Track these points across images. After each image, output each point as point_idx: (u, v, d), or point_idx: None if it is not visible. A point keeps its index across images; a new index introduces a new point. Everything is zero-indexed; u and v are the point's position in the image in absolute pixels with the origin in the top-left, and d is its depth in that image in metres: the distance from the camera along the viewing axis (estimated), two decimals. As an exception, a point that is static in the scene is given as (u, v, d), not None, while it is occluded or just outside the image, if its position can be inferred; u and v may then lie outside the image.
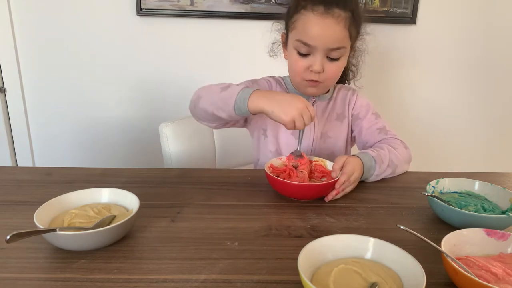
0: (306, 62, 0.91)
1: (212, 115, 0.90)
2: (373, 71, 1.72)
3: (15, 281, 0.52)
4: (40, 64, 1.70)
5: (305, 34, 0.89)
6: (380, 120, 1.07)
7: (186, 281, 0.53)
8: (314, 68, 0.90)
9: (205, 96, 0.91)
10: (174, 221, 0.70)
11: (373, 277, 0.49)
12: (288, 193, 0.80)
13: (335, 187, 0.79)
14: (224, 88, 0.88)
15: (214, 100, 0.88)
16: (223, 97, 0.87)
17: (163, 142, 1.17)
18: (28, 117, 1.78)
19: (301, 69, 0.92)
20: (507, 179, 0.96)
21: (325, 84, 0.97)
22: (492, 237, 0.58)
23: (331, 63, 0.91)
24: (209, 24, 1.67)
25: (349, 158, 0.84)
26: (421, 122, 1.86)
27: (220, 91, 0.88)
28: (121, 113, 1.78)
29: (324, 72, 0.91)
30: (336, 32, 0.87)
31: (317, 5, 0.87)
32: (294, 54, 0.93)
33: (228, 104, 0.85)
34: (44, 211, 0.62)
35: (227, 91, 0.87)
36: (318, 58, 0.90)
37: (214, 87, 0.91)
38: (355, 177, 0.83)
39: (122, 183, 0.86)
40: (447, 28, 1.73)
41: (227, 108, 0.86)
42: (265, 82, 1.07)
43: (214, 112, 0.88)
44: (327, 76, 0.93)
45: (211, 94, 0.90)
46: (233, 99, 0.84)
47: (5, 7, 1.61)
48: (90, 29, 1.66)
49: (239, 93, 0.84)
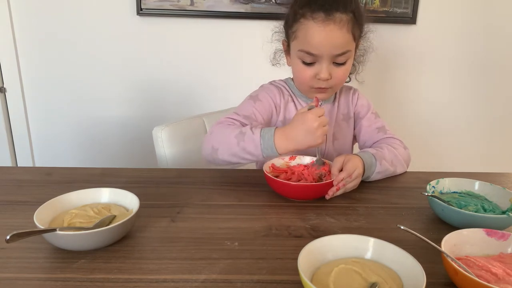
0: (312, 71, 0.90)
1: (238, 163, 0.88)
2: (373, 71, 1.72)
3: (15, 281, 0.52)
4: (40, 64, 1.70)
5: (308, 43, 0.86)
6: (379, 120, 1.07)
7: (186, 281, 0.53)
8: (322, 76, 0.89)
9: (222, 148, 0.87)
10: (174, 221, 0.70)
11: (373, 277, 0.49)
12: (286, 193, 0.80)
13: (334, 183, 0.79)
14: (239, 137, 0.84)
15: (235, 152, 0.85)
16: (245, 148, 0.84)
17: (157, 146, 1.14)
18: (28, 117, 1.78)
19: (308, 78, 0.91)
20: (507, 179, 0.96)
21: (334, 89, 0.96)
22: (492, 237, 0.58)
23: (338, 68, 0.90)
24: (209, 24, 1.67)
25: (348, 156, 0.84)
26: (421, 122, 1.86)
27: (237, 142, 0.84)
28: (121, 113, 1.78)
29: (332, 78, 0.90)
30: (340, 38, 0.85)
31: (317, 12, 0.84)
32: (299, 63, 0.91)
33: (256, 155, 0.83)
34: (44, 211, 0.62)
35: (245, 141, 0.83)
36: (324, 65, 0.88)
37: (227, 137, 0.86)
38: (357, 173, 0.82)
39: (122, 183, 0.86)
40: (447, 28, 1.73)
41: (256, 158, 0.84)
42: (266, 95, 1.01)
43: (240, 161, 0.87)
44: (335, 82, 0.92)
45: (228, 146, 0.86)
46: (258, 150, 0.82)
47: (5, 7, 1.61)
48: (90, 29, 1.66)
49: (261, 143, 0.82)
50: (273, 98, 1.02)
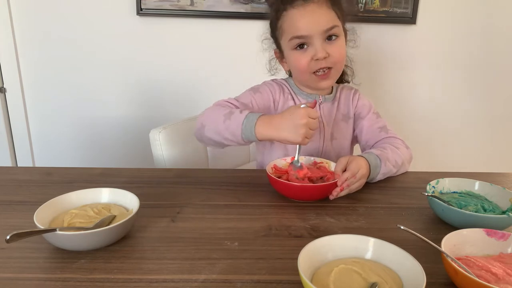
0: (308, 55, 0.91)
1: (220, 143, 0.89)
2: (373, 71, 1.72)
3: (15, 281, 0.52)
4: (40, 64, 1.70)
5: (295, 28, 0.90)
6: (381, 120, 1.07)
7: (186, 281, 0.53)
8: (319, 55, 0.90)
9: (209, 125, 0.89)
10: (174, 221, 0.70)
11: (373, 277, 0.49)
12: (289, 194, 0.80)
13: (337, 184, 0.78)
14: (227, 115, 0.86)
15: (219, 129, 0.86)
16: (228, 127, 0.85)
17: (154, 148, 1.13)
18: (28, 117, 1.78)
19: (306, 63, 0.92)
20: (507, 179, 0.96)
21: (336, 69, 0.96)
22: (492, 237, 0.58)
23: (332, 44, 0.92)
24: (209, 24, 1.66)
25: (352, 157, 0.83)
26: (421, 122, 1.86)
27: (223, 119, 0.86)
28: (121, 113, 1.78)
29: (329, 56, 0.91)
30: (322, 14, 0.90)
31: (295, 1, 0.90)
32: (294, 53, 0.92)
33: (236, 135, 0.84)
34: (44, 211, 0.62)
35: (231, 119, 0.85)
36: (317, 44, 0.90)
37: (216, 115, 0.88)
38: (361, 173, 0.81)
39: (122, 183, 0.86)
40: (447, 28, 1.73)
41: (236, 138, 0.85)
42: (267, 89, 1.03)
43: (222, 141, 0.88)
44: (334, 59, 0.92)
45: (215, 123, 0.88)
46: (239, 129, 0.83)
47: (5, 7, 1.61)
48: (90, 29, 1.66)
49: (244, 123, 0.82)
50: (273, 93, 1.03)
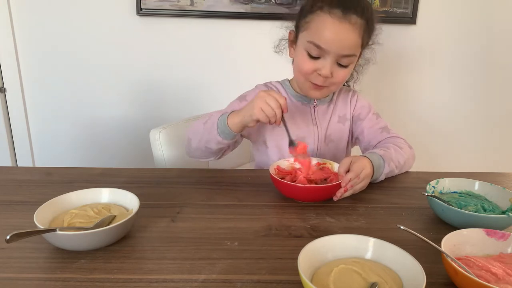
0: (315, 65, 0.90)
1: (205, 150, 0.92)
2: (373, 71, 1.71)
3: (15, 281, 0.52)
4: (40, 64, 1.70)
5: (319, 36, 0.86)
6: (381, 120, 1.07)
7: (186, 281, 0.53)
8: (323, 73, 0.88)
9: (193, 136, 0.94)
10: (174, 221, 0.70)
11: (373, 277, 0.49)
12: (293, 196, 0.79)
13: (341, 185, 0.78)
14: (206, 121, 0.91)
15: (200, 135, 0.91)
16: (206, 129, 0.89)
17: (155, 148, 1.13)
18: (28, 117, 1.78)
19: (309, 71, 0.91)
20: (507, 179, 0.96)
21: (329, 89, 0.96)
22: (492, 237, 0.58)
23: (339, 69, 0.90)
24: (209, 24, 1.67)
25: (355, 157, 0.83)
26: (421, 122, 1.86)
27: (203, 125, 0.91)
28: (121, 113, 1.78)
29: (331, 77, 0.90)
30: (350, 39, 0.86)
31: (335, 8, 0.84)
32: (304, 55, 0.91)
33: (212, 133, 0.87)
34: (44, 211, 0.62)
35: (209, 122, 0.90)
36: (328, 62, 0.88)
37: (197, 124, 0.94)
38: (364, 173, 0.80)
39: (122, 183, 0.86)
40: (447, 28, 1.73)
41: (214, 137, 0.87)
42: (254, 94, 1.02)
43: (206, 146, 0.90)
44: (333, 82, 0.92)
45: (196, 132, 0.93)
46: (214, 126, 0.87)
47: (5, 7, 1.61)
48: (90, 29, 1.66)
49: (219, 119, 0.87)
50: None
